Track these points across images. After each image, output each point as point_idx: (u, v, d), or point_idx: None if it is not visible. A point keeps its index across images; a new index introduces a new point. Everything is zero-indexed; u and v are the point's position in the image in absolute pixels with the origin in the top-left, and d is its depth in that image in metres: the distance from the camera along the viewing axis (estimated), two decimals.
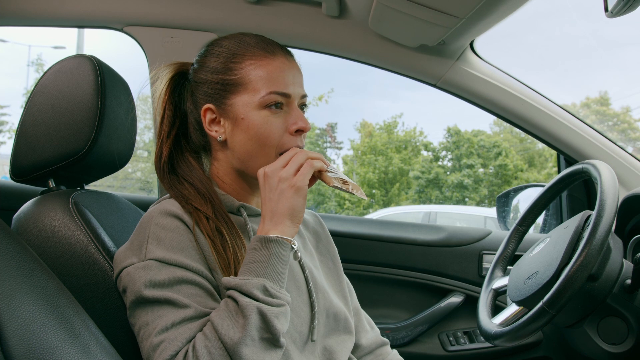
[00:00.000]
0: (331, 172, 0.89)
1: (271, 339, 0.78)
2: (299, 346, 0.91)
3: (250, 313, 0.75)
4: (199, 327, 0.79)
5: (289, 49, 0.98)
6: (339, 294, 1.05)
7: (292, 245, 0.83)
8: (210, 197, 0.91)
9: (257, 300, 0.77)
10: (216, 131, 0.93)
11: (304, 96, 0.95)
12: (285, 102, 0.91)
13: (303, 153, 0.86)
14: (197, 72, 0.96)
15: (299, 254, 0.89)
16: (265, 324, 0.77)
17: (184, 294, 0.80)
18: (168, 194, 0.94)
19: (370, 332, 1.11)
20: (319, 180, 0.90)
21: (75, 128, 0.98)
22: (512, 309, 1.06)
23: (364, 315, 1.13)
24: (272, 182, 0.84)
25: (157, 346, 0.77)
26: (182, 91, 0.99)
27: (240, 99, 0.91)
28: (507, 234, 1.26)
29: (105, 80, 1.00)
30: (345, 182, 0.88)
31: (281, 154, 0.90)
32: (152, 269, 0.81)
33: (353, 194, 0.89)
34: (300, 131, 0.92)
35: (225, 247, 0.87)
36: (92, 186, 1.17)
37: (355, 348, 1.07)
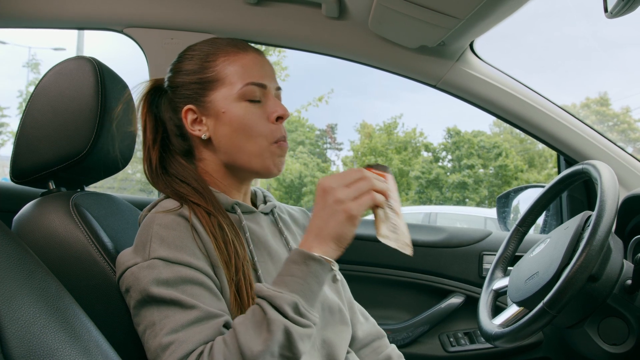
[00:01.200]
0: (389, 208, 0.85)
1: (291, 357, 0.76)
2: None
3: (276, 329, 0.74)
4: (210, 329, 0.78)
5: (289, 49, 0.99)
6: (331, 287, 1.05)
7: (332, 267, 0.80)
8: (208, 194, 0.92)
9: (286, 317, 0.75)
10: (199, 130, 0.95)
11: (279, 88, 0.98)
12: (262, 93, 0.94)
13: (369, 182, 0.82)
14: (173, 78, 0.98)
15: (338, 277, 0.86)
16: (289, 342, 0.75)
17: (189, 294, 0.80)
18: (163, 195, 0.95)
19: (365, 323, 1.12)
20: (318, 180, 0.89)
21: (76, 130, 0.98)
22: (512, 309, 1.06)
23: (358, 307, 1.13)
24: (328, 199, 0.80)
25: (166, 347, 0.76)
26: (160, 102, 1.01)
27: (219, 93, 0.93)
28: (507, 234, 1.26)
29: (105, 82, 1.01)
30: (394, 229, 0.83)
31: (276, 142, 0.93)
32: (156, 267, 0.81)
33: (397, 249, 0.84)
34: (280, 118, 0.95)
35: (227, 242, 0.87)
36: (92, 187, 1.17)
37: (352, 340, 1.07)
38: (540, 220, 1.71)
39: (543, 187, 1.25)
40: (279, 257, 0.97)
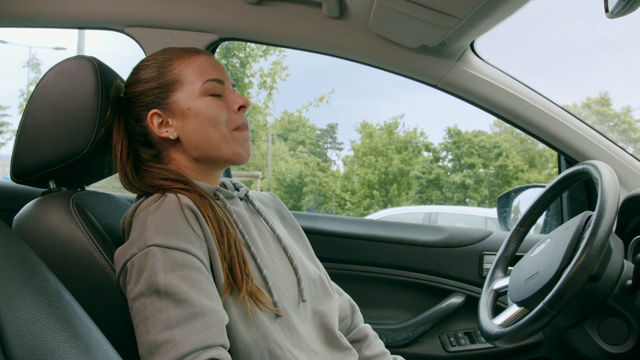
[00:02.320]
0: None
1: None
2: (295, 309, 0.95)
3: None
4: (207, 330, 0.78)
5: (289, 49, 1.01)
6: (311, 260, 1.09)
7: None
8: (191, 183, 0.95)
9: None
10: (166, 131, 0.98)
11: (234, 85, 1.04)
12: (222, 88, 0.99)
13: None
14: (132, 89, 1.00)
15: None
16: None
17: (188, 279, 0.81)
18: (143, 197, 0.96)
19: (340, 298, 1.15)
20: (320, 180, 0.91)
21: (76, 129, 0.98)
22: (512, 309, 1.06)
23: (333, 284, 1.16)
24: None
25: (160, 346, 0.76)
26: (120, 117, 1.02)
27: (181, 93, 0.97)
28: (507, 234, 1.26)
29: (105, 82, 1.01)
30: None
31: (236, 129, 0.98)
32: (154, 254, 0.81)
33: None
34: (243, 107, 1.00)
35: (219, 221, 0.90)
36: (93, 187, 1.17)
37: None
38: (540, 220, 1.71)
39: (543, 187, 1.25)
40: (264, 235, 1.01)
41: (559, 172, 1.67)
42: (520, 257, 1.20)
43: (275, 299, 0.90)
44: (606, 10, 0.81)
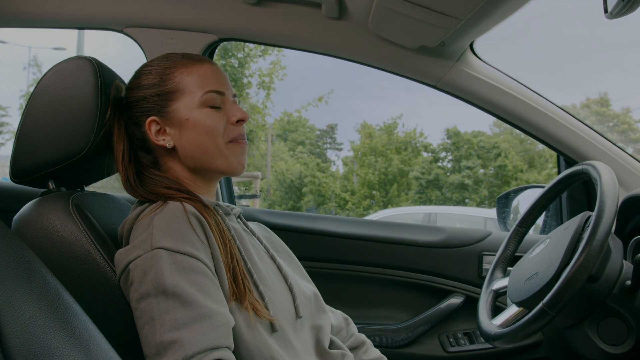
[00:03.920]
0: None
1: None
2: (292, 325, 0.95)
3: None
4: (214, 331, 0.78)
5: (288, 49, 1.01)
6: (304, 279, 1.10)
7: None
8: (192, 194, 0.95)
9: None
10: (163, 140, 0.98)
11: (235, 95, 1.04)
12: (221, 100, 0.99)
13: None
14: (133, 93, 1.01)
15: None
16: None
17: (194, 283, 0.81)
18: (147, 203, 0.96)
19: (332, 314, 1.16)
20: (320, 180, 0.91)
21: (75, 129, 0.98)
22: (512, 310, 1.06)
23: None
24: None
25: (168, 346, 0.76)
26: (120, 118, 1.03)
27: (181, 103, 0.97)
28: (507, 235, 1.26)
29: (105, 82, 1.01)
30: None
31: (231, 141, 0.98)
32: (161, 257, 0.81)
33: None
34: (241, 121, 1.00)
35: (222, 231, 0.91)
36: (92, 187, 1.17)
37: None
38: (540, 221, 1.71)
39: (543, 187, 1.25)
40: (259, 253, 1.01)
41: (559, 172, 1.67)
42: (519, 257, 1.20)
43: (272, 314, 0.91)
44: (605, 10, 0.81)
